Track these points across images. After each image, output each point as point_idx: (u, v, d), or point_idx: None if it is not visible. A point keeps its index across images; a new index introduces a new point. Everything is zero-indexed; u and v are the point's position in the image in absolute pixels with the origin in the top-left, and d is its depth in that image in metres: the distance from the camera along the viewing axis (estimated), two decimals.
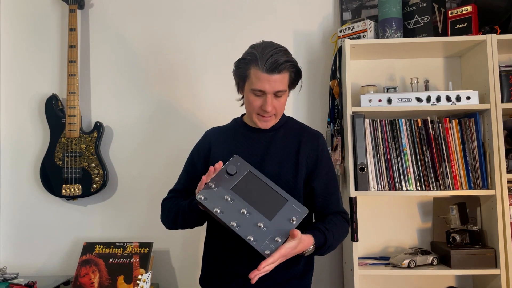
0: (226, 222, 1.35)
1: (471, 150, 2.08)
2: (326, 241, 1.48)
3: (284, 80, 1.52)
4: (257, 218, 1.37)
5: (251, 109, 1.56)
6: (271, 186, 1.44)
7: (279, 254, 1.33)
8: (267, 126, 1.59)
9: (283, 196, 1.43)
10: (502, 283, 1.97)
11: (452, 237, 2.10)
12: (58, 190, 2.34)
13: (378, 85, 2.30)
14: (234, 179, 1.42)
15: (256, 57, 1.49)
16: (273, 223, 1.37)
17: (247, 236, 1.34)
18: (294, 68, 1.53)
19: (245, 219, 1.36)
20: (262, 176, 1.46)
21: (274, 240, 1.34)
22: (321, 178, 1.60)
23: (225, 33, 2.45)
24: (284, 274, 1.55)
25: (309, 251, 1.46)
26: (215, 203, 1.37)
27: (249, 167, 1.46)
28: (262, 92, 1.51)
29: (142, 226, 2.41)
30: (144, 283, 1.92)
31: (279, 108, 1.56)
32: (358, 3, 2.38)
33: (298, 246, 1.38)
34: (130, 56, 2.48)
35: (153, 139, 2.45)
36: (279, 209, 1.40)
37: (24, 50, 2.50)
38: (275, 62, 1.47)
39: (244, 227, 1.35)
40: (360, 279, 2.02)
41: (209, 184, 1.40)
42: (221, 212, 1.36)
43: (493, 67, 2.06)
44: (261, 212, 1.38)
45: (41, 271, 2.41)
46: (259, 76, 1.48)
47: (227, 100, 2.40)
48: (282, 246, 1.34)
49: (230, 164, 1.45)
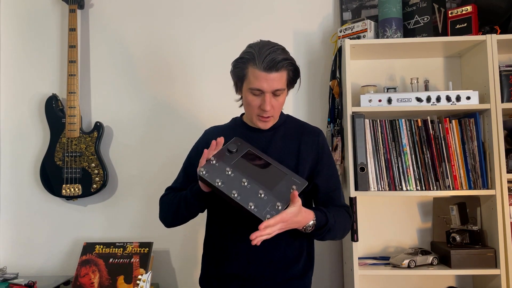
0: (227, 193, 1.37)
1: (471, 150, 2.08)
2: (327, 222, 1.47)
3: (282, 79, 1.51)
4: (258, 188, 1.40)
5: (250, 110, 1.56)
6: (271, 162, 1.48)
7: (280, 217, 1.33)
8: (267, 126, 1.59)
9: (283, 170, 1.47)
10: (502, 283, 1.97)
11: (452, 237, 2.10)
12: (58, 190, 2.34)
13: (378, 85, 2.30)
14: (234, 156, 1.47)
15: (253, 56, 1.48)
16: (273, 192, 1.39)
17: (248, 203, 1.36)
18: (292, 67, 1.52)
19: (245, 189, 1.39)
20: (262, 154, 1.50)
21: (275, 206, 1.36)
22: (323, 174, 1.60)
23: (225, 33, 2.45)
24: (283, 274, 1.55)
25: (309, 227, 1.44)
26: (216, 176, 1.40)
27: (249, 146, 1.50)
28: (260, 91, 1.50)
29: (142, 226, 2.41)
30: (144, 283, 1.92)
31: (278, 108, 1.56)
32: (358, 3, 2.38)
33: (298, 215, 1.38)
34: (130, 56, 2.48)
35: (153, 139, 2.45)
36: (279, 181, 1.43)
37: (24, 50, 2.50)
38: (272, 60, 1.46)
39: (244, 196, 1.37)
40: (360, 279, 2.02)
41: (211, 160, 1.44)
42: (222, 183, 1.39)
43: (493, 67, 2.06)
44: (261, 183, 1.41)
45: (41, 271, 2.41)
46: (257, 75, 1.48)
47: (227, 99, 2.40)
48: (283, 211, 1.35)
49: (231, 143, 1.49)
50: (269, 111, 1.53)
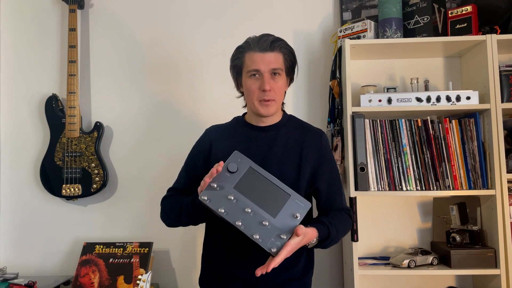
0: (231, 222, 1.37)
1: (471, 150, 2.08)
2: (330, 235, 1.48)
3: (279, 59, 1.55)
4: (262, 216, 1.38)
5: (251, 95, 1.56)
6: (273, 181, 1.45)
7: (286, 252, 1.34)
8: (268, 111, 1.57)
9: (286, 191, 1.44)
10: (502, 283, 1.97)
11: (452, 237, 2.10)
12: (58, 190, 2.34)
13: (378, 85, 2.30)
14: (235, 177, 1.43)
15: (249, 43, 1.56)
16: (277, 220, 1.38)
17: (253, 234, 1.35)
18: (286, 49, 1.57)
19: (249, 217, 1.38)
20: (263, 171, 1.46)
21: (279, 237, 1.36)
22: (324, 177, 1.60)
23: (224, 33, 2.45)
24: (284, 274, 1.55)
25: (312, 244, 1.46)
26: (219, 203, 1.39)
27: (250, 163, 1.47)
28: (258, 72, 1.53)
29: (142, 226, 2.41)
30: (144, 283, 1.92)
31: (278, 91, 1.56)
32: (358, 3, 2.38)
33: (302, 240, 1.39)
34: (130, 56, 2.48)
35: (153, 139, 2.45)
36: (282, 205, 1.41)
37: (24, 50, 2.50)
38: (266, 41, 1.54)
39: (249, 225, 1.36)
40: (360, 279, 2.02)
41: (212, 185, 1.41)
42: (226, 212, 1.38)
43: (493, 67, 2.06)
44: (265, 209, 1.40)
45: (41, 271, 2.41)
46: (253, 57, 1.54)
47: (227, 99, 2.40)
48: (288, 243, 1.35)
49: (231, 162, 1.45)
50: (270, 92, 1.53)
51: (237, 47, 1.61)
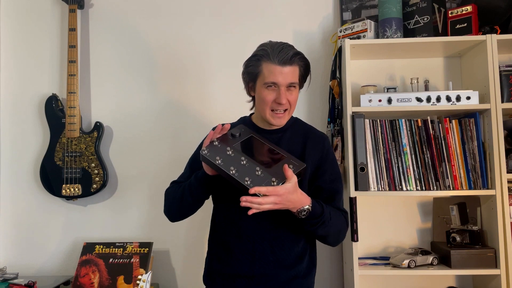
0: (225, 170, 1.41)
1: (471, 150, 2.08)
2: (323, 213, 1.47)
3: (296, 73, 1.56)
4: (255, 165, 1.44)
5: (264, 106, 1.56)
6: (271, 146, 1.52)
7: (272, 189, 1.34)
8: (281, 122, 1.59)
9: (282, 153, 1.50)
10: (502, 283, 1.97)
11: (452, 237, 2.10)
12: (58, 190, 2.34)
13: (378, 85, 2.30)
14: (237, 140, 1.52)
15: (267, 52, 1.53)
16: (270, 170, 1.43)
17: (244, 178, 1.39)
18: (303, 62, 1.58)
19: (243, 167, 1.43)
20: (264, 139, 1.54)
21: (270, 182, 1.39)
22: (325, 177, 1.61)
23: (223, 33, 2.45)
24: (288, 272, 1.56)
25: (303, 211, 1.43)
26: (217, 155, 1.45)
27: (252, 133, 1.55)
28: (275, 85, 1.53)
29: (142, 226, 2.41)
30: (144, 283, 1.92)
31: (293, 102, 1.58)
32: (358, 3, 2.38)
33: (294, 193, 1.39)
34: (130, 56, 2.48)
35: (153, 139, 2.45)
36: (277, 162, 1.46)
37: (24, 50, 2.50)
38: (286, 54, 1.52)
39: (242, 172, 1.41)
40: (360, 279, 2.02)
41: (213, 142, 1.49)
42: (222, 161, 1.43)
43: (493, 67, 2.06)
44: (259, 162, 1.45)
45: (41, 271, 2.41)
46: (272, 69, 1.52)
47: (229, 99, 2.40)
48: (278, 186, 1.36)
49: (235, 128, 1.55)
50: (285, 104, 1.55)
51: (254, 54, 1.58)
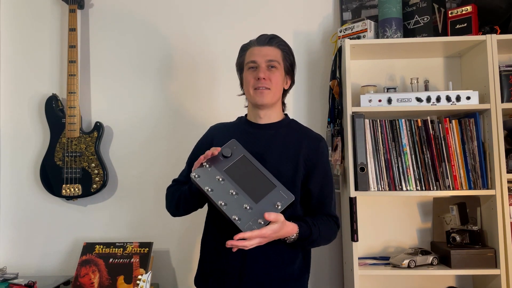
0: (215, 200, 1.43)
1: (471, 150, 2.08)
2: (311, 234, 1.51)
3: (276, 54, 1.62)
4: (244, 199, 1.44)
5: (248, 86, 1.63)
6: (262, 171, 1.50)
7: (258, 233, 1.37)
8: (263, 99, 1.61)
9: (272, 182, 1.49)
10: (502, 283, 1.97)
11: (452, 237, 2.10)
12: (58, 190, 2.34)
13: (378, 85, 2.30)
14: (228, 162, 1.50)
15: (250, 42, 1.67)
16: (258, 206, 1.43)
17: (233, 215, 1.40)
18: (284, 47, 1.65)
19: (232, 199, 1.43)
20: (256, 161, 1.52)
21: (257, 222, 1.40)
22: (317, 181, 1.61)
23: (223, 33, 2.45)
24: (279, 273, 1.56)
25: (291, 239, 1.49)
26: (207, 182, 1.46)
27: (244, 152, 1.53)
28: (255, 64, 1.61)
29: (142, 226, 2.41)
30: (144, 283, 1.92)
31: (274, 80, 1.61)
32: (358, 3, 2.38)
33: (280, 231, 1.42)
34: (130, 56, 2.48)
35: (153, 139, 2.45)
36: (266, 194, 1.46)
37: (24, 50, 2.50)
38: (264, 35, 1.65)
39: (230, 206, 1.42)
40: (360, 279, 2.02)
41: (204, 164, 1.49)
42: (211, 190, 1.44)
43: (493, 67, 2.06)
44: (248, 194, 1.45)
45: (41, 271, 2.41)
46: (252, 50, 1.64)
47: (228, 99, 2.40)
48: (264, 227, 1.39)
49: (226, 147, 1.52)
50: (265, 80, 1.59)
51: (240, 47, 1.70)
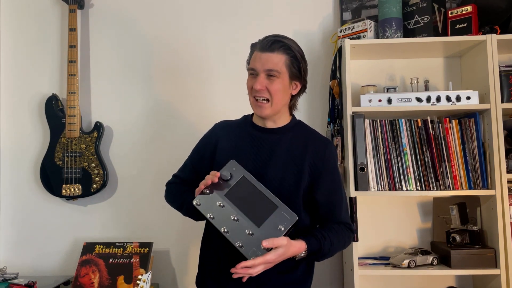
0: (218, 228, 1.44)
1: (471, 150, 2.08)
2: (321, 249, 1.46)
3: (278, 61, 1.48)
4: (246, 224, 1.44)
5: (248, 93, 1.56)
6: (263, 192, 1.48)
7: (261, 260, 1.36)
8: (262, 112, 1.53)
9: (274, 202, 1.47)
10: (502, 283, 1.97)
11: (452, 237, 2.10)
12: (58, 190, 2.34)
13: (378, 85, 2.30)
14: (228, 185, 1.50)
15: (257, 42, 1.55)
16: (261, 230, 1.43)
17: (236, 242, 1.41)
18: (290, 51, 1.50)
19: (235, 225, 1.44)
20: (256, 181, 1.50)
21: (260, 247, 1.39)
22: (324, 188, 1.55)
23: (223, 33, 2.45)
24: (281, 278, 1.54)
25: (300, 256, 1.46)
26: (208, 208, 1.47)
27: (244, 172, 1.51)
28: (254, 71, 1.51)
29: (142, 226, 2.41)
30: (144, 283, 1.92)
31: (274, 93, 1.50)
32: (358, 3, 2.38)
33: (286, 253, 1.40)
34: (130, 56, 2.48)
35: (153, 139, 2.45)
36: (268, 216, 1.45)
37: (24, 50, 2.50)
38: (266, 40, 1.51)
39: (233, 233, 1.43)
40: (360, 279, 2.02)
41: (205, 190, 1.49)
42: (214, 218, 1.46)
43: (493, 67, 2.06)
44: (250, 218, 1.45)
45: (41, 271, 2.41)
46: (255, 55, 1.53)
47: (228, 99, 2.40)
48: (268, 253, 1.37)
49: (225, 170, 1.51)
50: (261, 91, 1.49)
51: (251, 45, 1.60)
